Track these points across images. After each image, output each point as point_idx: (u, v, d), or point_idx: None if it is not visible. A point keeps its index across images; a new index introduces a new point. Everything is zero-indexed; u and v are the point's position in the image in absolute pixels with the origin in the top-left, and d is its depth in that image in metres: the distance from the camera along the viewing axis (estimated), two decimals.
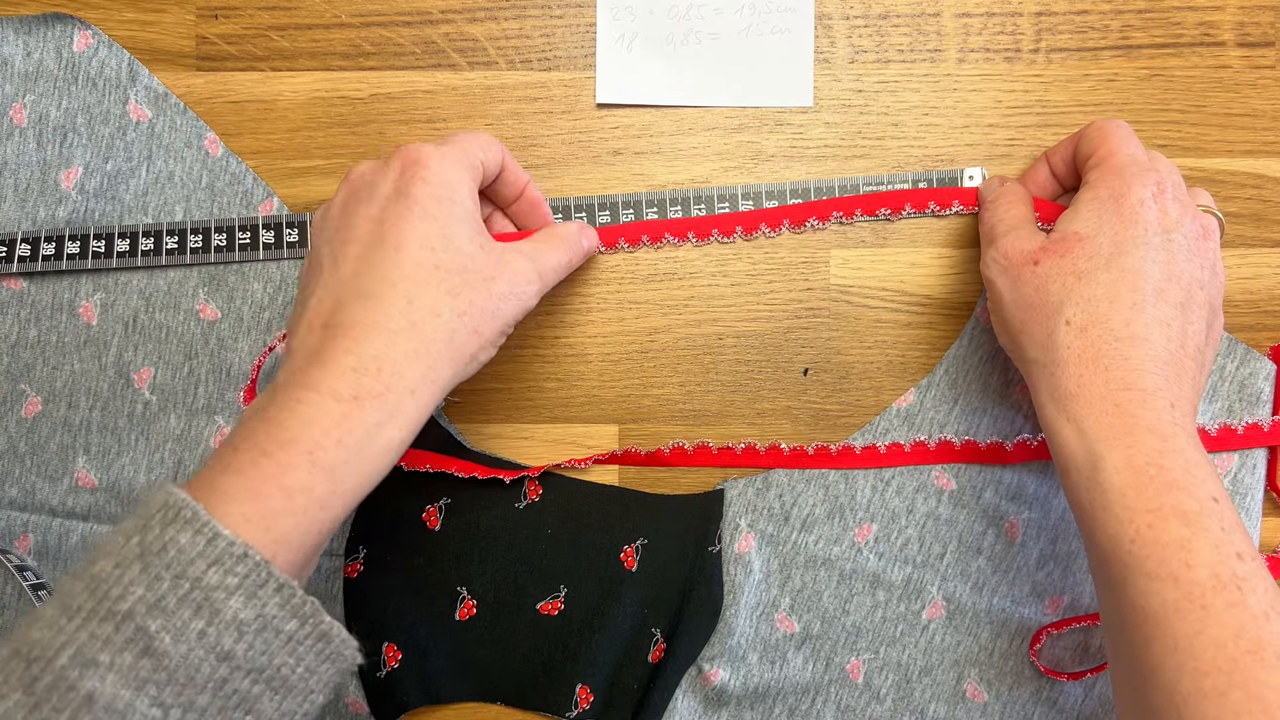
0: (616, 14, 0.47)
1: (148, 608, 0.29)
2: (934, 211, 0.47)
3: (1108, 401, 0.36)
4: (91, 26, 0.47)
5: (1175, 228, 0.38)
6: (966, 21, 0.47)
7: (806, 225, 0.47)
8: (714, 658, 0.46)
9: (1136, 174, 0.39)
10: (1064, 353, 0.37)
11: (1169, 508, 0.34)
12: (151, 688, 0.29)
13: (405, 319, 0.34)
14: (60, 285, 0.47)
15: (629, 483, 0.48)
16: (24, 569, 0.46)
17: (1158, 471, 0.34)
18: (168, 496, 0.30)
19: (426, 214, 0.36)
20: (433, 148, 0.37)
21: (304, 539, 0.32)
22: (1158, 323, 0.37)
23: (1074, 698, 0.46)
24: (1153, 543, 0.33)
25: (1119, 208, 0.39)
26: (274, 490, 0.31)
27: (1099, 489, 0.35)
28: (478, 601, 0.47)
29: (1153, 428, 0.35)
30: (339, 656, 0.32)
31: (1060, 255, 0.39)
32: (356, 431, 0.33)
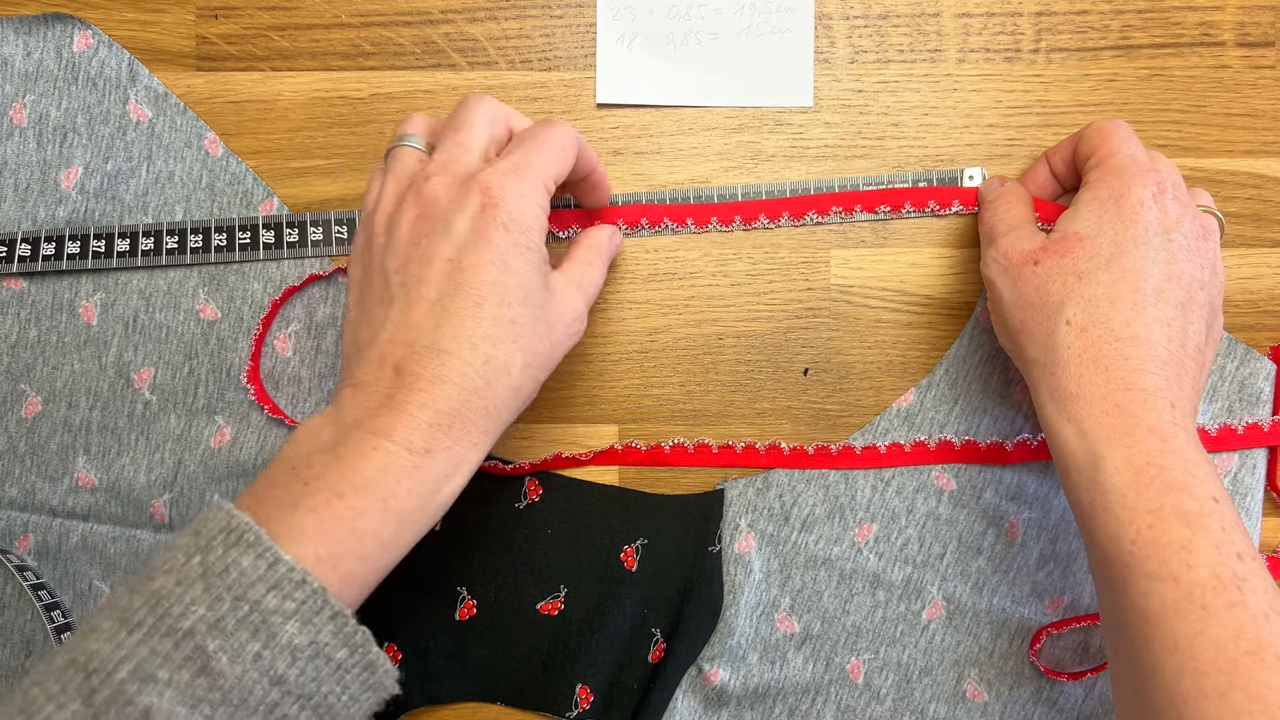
0: (616, 14, 0.47)
1: (208, 627, 0.29)
2: (934, 211, 0.47)
3: (1108, 401, 0.36)
4: (91, 26, 0.47)
5: (1175, 228, 0.38)
6: (966, 21, 0.47)
7: (806, 219, 0.47)
8: (714, 658, 0.46)
9: (1137, 174, 0.39)
10: (1064, 353, 0.37)
11: (1169, 508, 0.34)
12: (206, 707, 0.29)
13: (481, 378, 0.35)
14: (60, 285, 0.47)
15: (629, 483, 0.48)
16: (24, 569, 0.46)
17: (1158, 472, 0.34)
18: (229, 519, 0.31)
19: (506, 266, 0.35)
20: (513, 181, 0.36)
21: (367, 579, 0.33)
22: (1158, 323, 0.37)
23: (1074, 698, 0.46)
24: (1153, 543, 0.34)
25: (1119, 208, 0.39)
26: (346, 534, 0.32)
27: (1099, 489, 0.35)
28: (478, 601, 0.47)
29: (1153, 428, 0.35)
30: (380, 687, 0.33)
31: (1060, 255, 0.39)
32: (427, 483, 0.34)
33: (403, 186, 0.38)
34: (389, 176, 0.38)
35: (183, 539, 0.31)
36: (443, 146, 0.38)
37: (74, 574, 0.47)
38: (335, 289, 0.47)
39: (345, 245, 0.47)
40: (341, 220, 0.47)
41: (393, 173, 0.38)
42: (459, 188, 0.36)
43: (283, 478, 0.33)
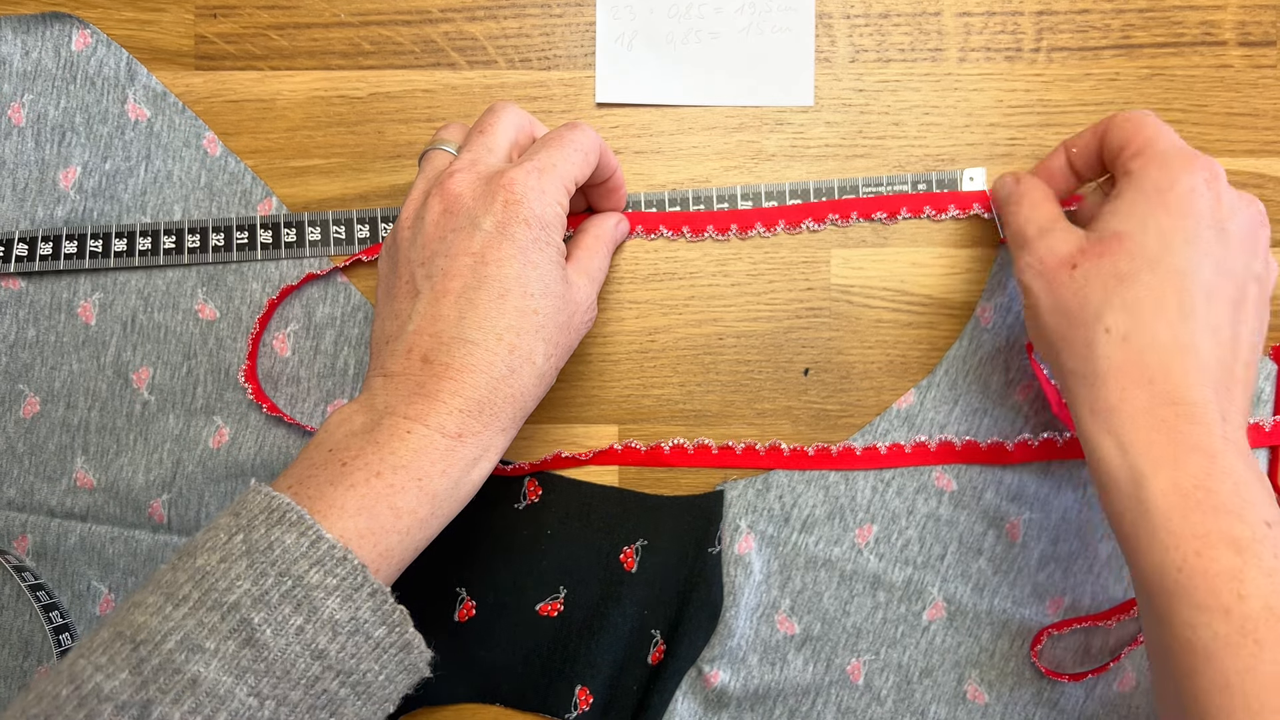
0: (616, 13, 0.47)
1: (253, 601, 0.30)
2: (930, 216, 0.47)
3: (1152, 416, 0.34)
4: (90, 26, 0.47)
5: (1230, 217, 0.36)
6: (967, 21, 0.47)
7: (802, 227, 0.47)
8: (714, 659, 0.46)
9: (1185, 162, 0.36)
10: (1103, 364, 0.35)
11: (1217, 534, 0.32)
12: (250, 677, 0.30)
13: (506, 366, 0.36)
14: (59, 285, 0.47)
15: (629, 483, 0.47)
16: (22, 569, 0.46)
17: (1206, 495, 0.32)
18: (270, 500, 0.32)
19: (528, 261, 0.36)
20: (536, 179, 0.37)
21: (404, 556, 0.34)
22: (1208, 330, 0.35)
23: (1075, 699, 0.46)
24: (1201, 572, 0.32)
25: (1165, 200, 0.36)
26: (386, 510, 0.33)
27: (1143, 511, 0.33)
28: (477, 602, 0.47)
29: (1200, 445, 0.33)
30: (415, 669, 0.34)
31: (1100, 256, 0.36)
32: (459, 465, 0.35)
33: (430, 184, 0.39)
34: (419, 177, 0.40)
35: (222, 519, 0.32)
36: (468, 147, 0.39)
37: (72, 574, 0.47)
38: (334, 289, 0.47)
39: (343, 245, 0.47)
40: (340, 220, 0.47)
41: (423, 174, 0.40)
42: (483, 185, 0.37)
43: (320, 459, 0.34)
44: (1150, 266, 0.35)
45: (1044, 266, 0.38)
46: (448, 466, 0.35)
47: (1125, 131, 0.39)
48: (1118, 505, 0.35)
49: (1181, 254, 0.35)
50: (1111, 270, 0.36)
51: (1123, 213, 0.37)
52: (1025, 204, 0.41)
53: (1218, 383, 0.34)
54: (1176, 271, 0.35)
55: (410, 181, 0.47)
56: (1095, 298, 0.36)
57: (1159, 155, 0.37)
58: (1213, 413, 0.34)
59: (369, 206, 0.47)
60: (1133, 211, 0.36)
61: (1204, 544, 0.32)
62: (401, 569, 0.35)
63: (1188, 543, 0.32)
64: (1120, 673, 0.46)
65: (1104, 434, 0.35)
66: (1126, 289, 0.35)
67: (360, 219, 0.47)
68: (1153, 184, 0.36)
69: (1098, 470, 0.35)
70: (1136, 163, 0.38)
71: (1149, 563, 0.33)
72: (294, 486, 0.34)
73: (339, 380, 0.47)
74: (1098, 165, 0.42)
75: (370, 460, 0.34)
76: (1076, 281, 0.37)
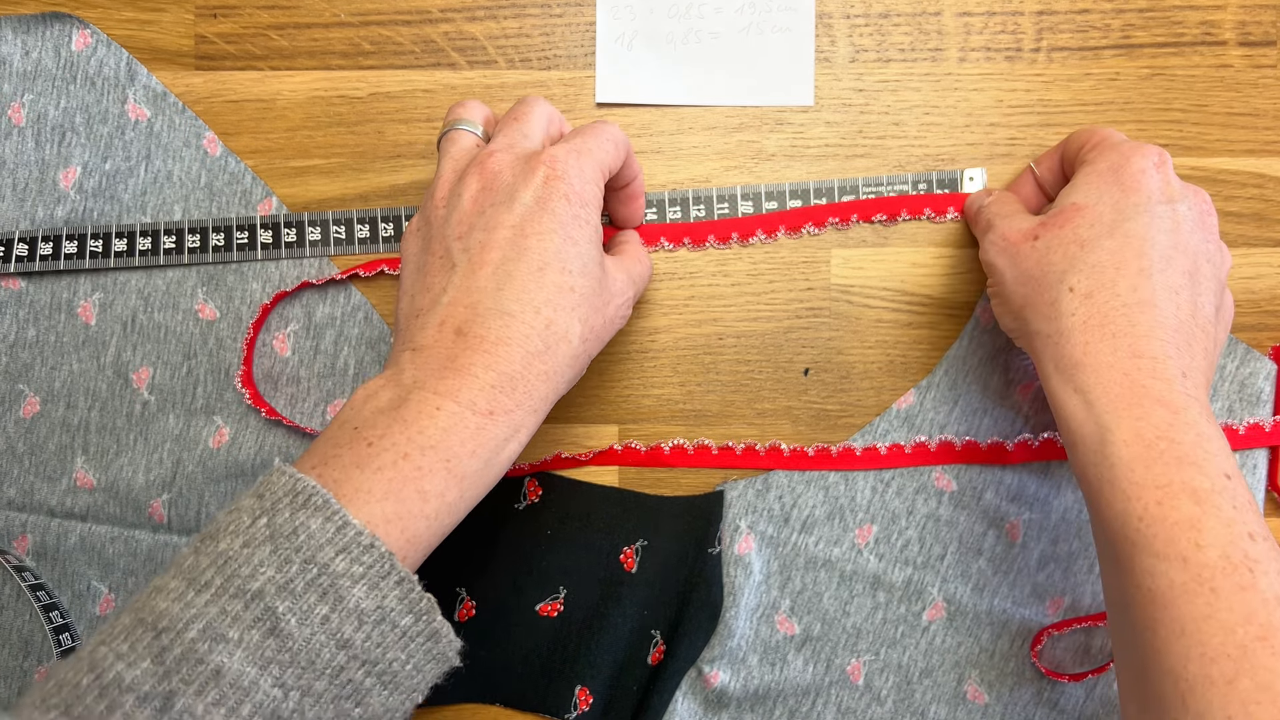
0: (616, 12, 0.47)
1: (277, 589, 0.30)
2: (929, 218, 0.47)
3: (1115, 370, 0.35)
4: (90, 25, 0.47)
5: (1179, 198, 0.38)
6: (967, 20, 0.47)
7: (803, 231, 0.47)
8: (714, 660, 0.46)
9: (1135, 147, 0.39)
10: (1069, 320, 0.36)
11: (1179, 484, 0.33)
12: (275, 668, 0.29)
13: (542, 341, 0.35)
14: (59, 285, 0.47)
15: (629, 483, 0.47)
16: (22, 569, 0.46)
17: (1168, 445, 0.33)
18: (294, 482, 0.31)
19: (568, 236, 0.36)
20: (575, 159, 0.37)
21: (431, 541, 0.33)
22: (1166, 289, 0.36)
23: (1075, 699, 0.46)
24: (1161, 520, 0.32)
25: (1119, 177, 0.38)
26: (413, 494, 0.32)
27: (1106, 463, 0.34)
28: (477, 602, 0.47)
29: (1163, 398, 0.34)
30: (444, 658, 0.33)
31: (1060, 226, 0.38)
32: (489, 445, 0.34)
33: (462, 164, 0.38)
34: (446, 158, 0.39)
35: (246, 502, 0.32)
36: (503, 132, 0.39)
37: (72, 574, 0.47)
38: (334, 289, 0.47)
39: (343, 245, 0.47)
40: (340, 220, 0.47)
41: (449, 154, 0.39)
42: (523, 164, 0.37)
43: (345, 439, 0.33)
44: (1109, 232, 0.37)
45: (1007, 242, 0.40)
46: (477, 446, 0.34)
47: (1082, 136, 0.42)
48: (1083, 459, 0.35)
49: (1137, 221, 0.37)
50: (1073, 236, 0.37)
51: (1080, 188, 0.39)
52: (993, 203, 0.43)
53: (1178, 339, 0.36)
54: (1135, 236, 0.37)
55: (410, 181, 0.47)
56: (1058, 262, 0.37)
57: (1112, 144, 0.40)
58: (1174, 368, 0.35)
59: (369, 206, 0.47)
60: (1088, 187, 0.39)
61: (1165, 494, 0.33)
62: (427, 554, 0.34)
63: (1149, 493, 0.33)
64: None
65: (1070, 390, 0.36)
66: (1088, 253, 0.37)
67: (360, 219, 0.47)
68: (1107, 165, 0.39)
69: (1065, 426, 0.36)
70: (1092, 153, 0.40)
71: (1112, 512, 0.34)
72: (318, 467, 0.33)
73: (339, 380, 0.47)
74: (1063, 180, 0.43)
75: (398, 440, 0.33)
76: (1039, 250, 0.38)
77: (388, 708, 0.32)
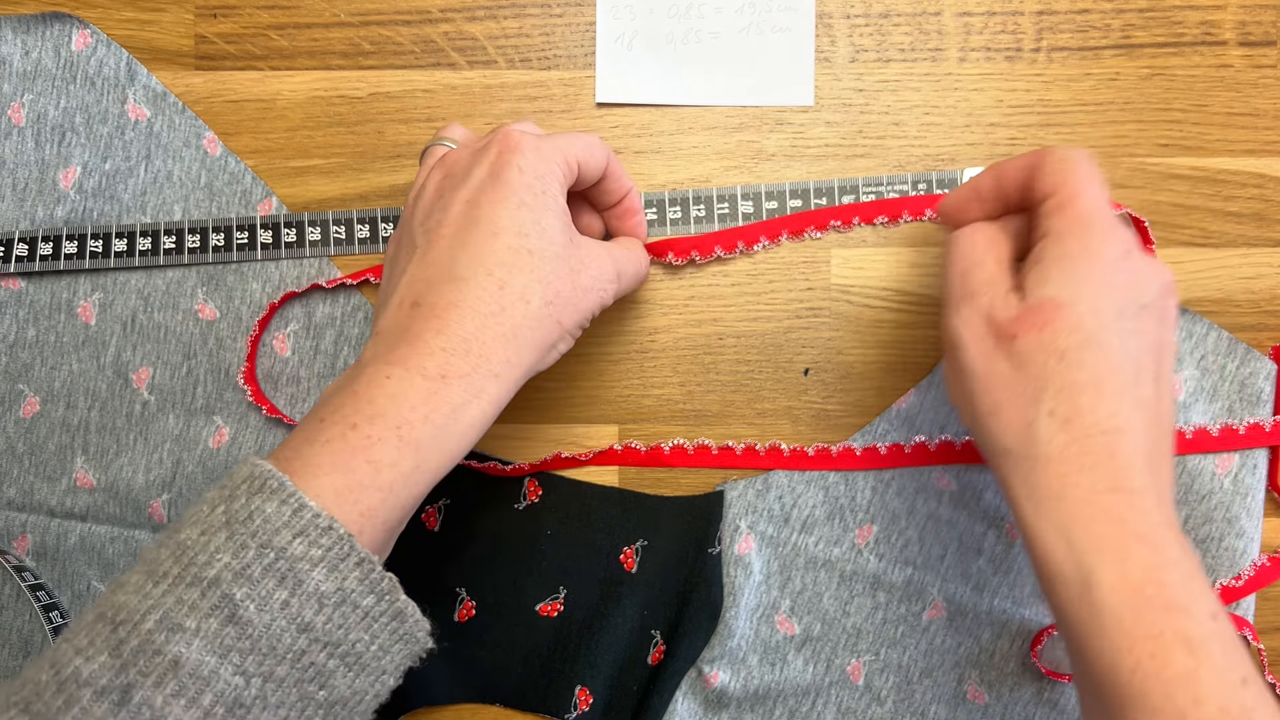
0: (616, 12, 0.47)
1: (234, 575, 0.29)
2: (930, 219, 0.47)
3: (1095, 505, 0.33)
4: (90, 25, 0.47)
5: (1146, 289, 0.35)
6: (967, 20, 0.47)
7: (805, 235, 0.47)
8: (714, 660, 0.46)
9: (1107, 229, 0.35)
10: (1045, 448, 0.34)
11: (1170, 634, 0.31)
12: (235, 656, 0.29)
13: (496, 303, 0.35)
14: (58, 285, 0.47)
15: (629, 483, 0.47)
16: (22, 569, 0.46)
17: (1156, 590, 0.32)
18: (253, 468, 0.31)
19: (522, 202, 0.36)
20: (530, 138, 0.37)
21: (389, 515, 0.32)
22: (1139, 407, 0.34)
23: (1075, 699, 0.46)
24: (1155, 676, 0.31)
25: (1093, 269, 0.35)
26: (362, 464, 0.32)
27: (1093, 609, 0.32)
28: (477, 602, 0.47)
29: (1144, 535, 0.33)
30: (411, 638, 0.33)
31: (1039, 328, 0.35)
32: (443, 409, 0.33)
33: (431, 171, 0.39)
34: (422, 167, 0.40)
35: (210, 493, 0.31)
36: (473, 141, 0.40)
37: (72, 574, 0.47)
38: (335, 290, 0.47)
39: (343, 245, 0.47)
40: (340, 220, 0.47)
41: (425, 164, 0.40)
42: (481, 149, 0.38)
43: (305, 422, 0.33)
44: (1087, 342, 0.34)
45: (984, 331, 0.36)
46: (430, 411, 0.33)
47: (1056, 176, 0.37)
48: (1064, 600, 0.33)
49: (1113, 329, 0.34)
50: (1051, 345, 0.34)
51: (1054, 277, 0.35)
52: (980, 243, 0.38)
53: (1152, 464, 0.34)
54: (1112, 349, 0.34)
55: (410, 181, 0.47)
56: (1036, 376, 0.35)
57: (1084, 218, 0.36)
58: (1151, 498, 0.33)
59: (369, 206, 0.47)
60: (1064, 277, 0.35)
61: (1158, 645, 0.31)
62: (391, 532, 0.33)
63: (1141, 644, 0.31)
64: None
65: (1046, 524, 0.34)
66: (1067, 370, 0.34)
67: (360, 219, 0.47)
68: (1079, 247, 0.35)
69: (1042, 564, 0.34)
70: (1058, 220, 0.36)
71: (1102, 664, 0.32)
72: (278, 452, 0.32)
73: None
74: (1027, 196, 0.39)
75: (347, 412, 0.32)
76: (1016, 356, 0.35)
77: (355, 690, 0.31)
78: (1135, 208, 0.47)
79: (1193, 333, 0.46)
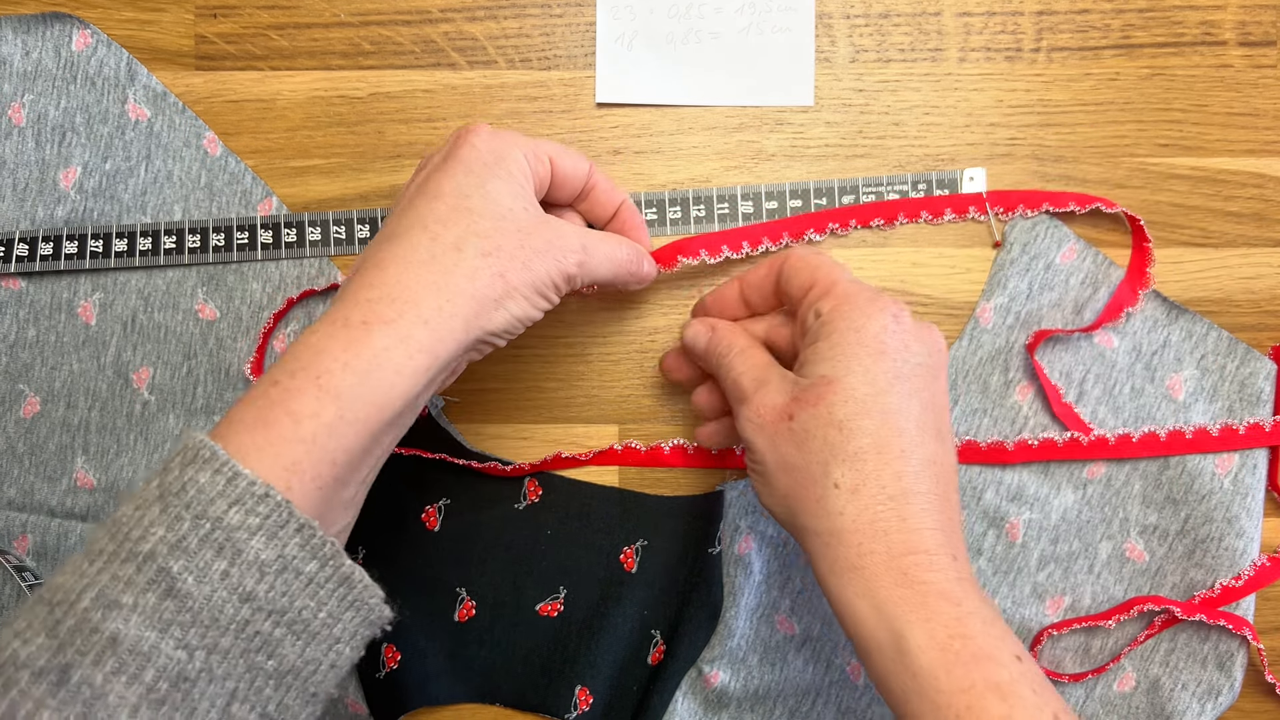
0: (616, 13, 0.47)
1: (169, 548, 0.29)
2: (927, 220, 0.47)
3: (894, 570, 0.34)
4: (90, 26, 0.47)
5: (917, 351, 0.36)
6: (967, 21, 0.47)
7: (805, 237, 0.47)
8: (714, 660, 0.46)
9: (872, 301, 0.37)
10: (838, 520, 0.35)
11: (982, 684, 0.32)
12: (176, 629, 0.29)
13: (427, 252, 0.34)
14: (59, 285, 0.47)
15: (629, 483, 0.47)
16: (23, 569, 0.46)
17: (962, 644, 0.32)
18: (188, 439, 0.31)
19: (470, 171, 0.36)
20: (494, 129, 0.38)
21: (317, 469, 0.32)
22: (925, 466, 0.35)
23: (1075, 699, 0.46)
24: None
25: (862, 340, 0.36)
26: (282, 416, 0.31)
27: (909, 673, 0.33)
28: (477, 602, 0.47)
29: (944, 592, 0.33)
30: (362, 604, 0.32)
31: (814, 404, 0.36)
32: (364, 355, 0.32)
33: None
34: None
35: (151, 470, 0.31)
36: None
37: None
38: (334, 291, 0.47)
39: (344, 245, 0.47)
40: (340, 220, 0.47)
41: None
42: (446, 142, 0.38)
43: None
44: (865, 410, 0.35)
45: (763, 420, 0.37)
46: (350, 358, 0.32)
47: (805, 273, 0.39)
48: (882, 668, 0.34)
49: (891, 393, 0.35)
50: (829, 418, 0.35)
51: (826, 356, 0.36)
52: (735, 356, 0.40)
53: (943, 521, 0.35)
54: (892, 412, 0.35)
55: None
56: (819, 450, 0.35)
57: (846, 296, 0.37)
58: (945, 555, 0.34)
59: (369, 207, 0.47)
60: (835, 355, 0.36)
61: (972, 696, 0.32)
62: (325, 490, 0.32)
63: (958, 699, 0.32)
64: (1120, 673, 0.46)
65: (852, 594, 0.34)
66: (848, 439, 0.35)
67: (361, 219, 0.47)
68: (847, 324, 0.36)
69: (855, 632, 0.35)
70: (826, 303, 0.37)
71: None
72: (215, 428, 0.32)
73: None
74: (772, 300, 0.41)
75: (273, 372, 0.32)
76: (797, 434, 0.36)
77: (306, 659, 0.31)
78: (1135, 208, 0.47)
79: (1193, 333, 0.46)
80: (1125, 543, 0.46)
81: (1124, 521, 0.46)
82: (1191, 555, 0.46)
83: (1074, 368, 0.46)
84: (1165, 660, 0.46)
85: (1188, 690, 0.45)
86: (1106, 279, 0.46)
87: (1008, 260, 0.46)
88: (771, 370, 0.39)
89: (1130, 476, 0.46)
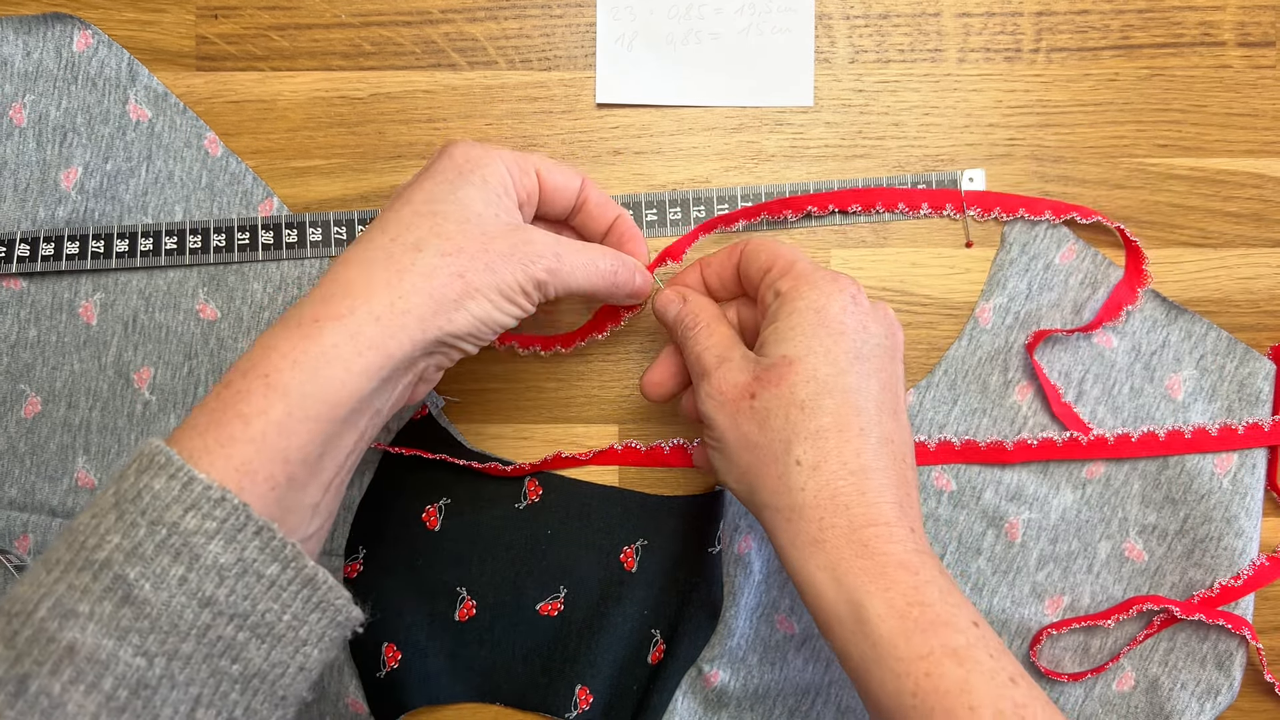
0: (616, 13, 0.47)
1: (125, 555, 0.29)
2: (926, 213, 0.47)
3: (854, 543, 0.35)
4: (91, 26, 0.47)
5: (876, 330, 0.37)
6: (967, 21, 0.47)
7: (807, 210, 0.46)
8: (714, 659, 0.46)
9: (830, 281, 0.38)
10: (800, 496, 0.35)
11: (940, 649, 0.33)
12: (134, 636, 0.29)
13: (384, 252, 0.35)
14: (60, 285, 0.47)
15: (629, 483, 0.48)
16: (23, 569, 0.46)
17: (920, 611, 0.33)
18: (144, 446, 0.31)
19: (443, 179, 0.37)
20: (477, 141, 0.38)
21: (269, 469, 0.31)
22: (883, 444, 0.36)
23: (1074, 698, 0.46)
24: (933, 692, 0.32)
25: (823, 321, 0.37)
26: (232, 417, 0.31)
27: (869, 642, 0.33)
28: (477, 602, 0.47)
29: (903, 561, 0.34)
30: (328, 605, 0.32)
31: (776, 384, 0.36)
32: (312, 351, 0.32)
33: None
34: None
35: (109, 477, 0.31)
36: None
37: None
38: None
39: (344, 246, 0.47)
40: (341, 221, 0.47)
41: None
42: None
43: None
44: (827, 390, 0.36)
45: (724, 398, 0.37)
46: (299, 355, 0.32)
47: (764, 257, 0.40)
48: (842, 638, 0.34)
49: (851, 373, 0.36)
50: (790, 398, 0.36)
51: (786, 336, 0.37)
52: (700, 330, 0.40)
53: (899, 493, 0.36)
54: (852, 391, 0.36)
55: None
56: (780, 429, 0.36)
57: (804, 275, 0.38)
58: (903, 527, 0.35)
59: (370, 207, 0.47)
60: (796, 335, 0.37)
61: (930, 663, 0.32)
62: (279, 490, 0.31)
63: (916, 665, 0.32)
64: (1120, 672, 0.46)
65: (816, 569, 0.35)
66: (809, 418, 0.36)
67: (362, 219, 0.47)
68: (807, 304, 0.37)
69: (815, 605, 0.35)
70: (785, 283, 0.38)
71: (884, 692, 0.33)
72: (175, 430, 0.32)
73: None
74: (734, 286, 0.42)
75: (227, 374, 0.32)
76: (758, 413, 0.37)
77: (272, 662, 0.31)
78: (1135, 208, 0.47)
79: (1192, 333, 0.46)
80: (1124, 542, 0.46)
81: (1123, 521, 0.46)
82: (1190, 555, 0.46)
83: (1073, 368, 0.46)
84: (1164, 660, 0.46)
85: (1187, 690, 0.46)
86: (1106, 279, 0.46)
87: (1007, 260, 0.47)
88: (734, 348, 0.39)
89: (1129, 476, 0.46)
